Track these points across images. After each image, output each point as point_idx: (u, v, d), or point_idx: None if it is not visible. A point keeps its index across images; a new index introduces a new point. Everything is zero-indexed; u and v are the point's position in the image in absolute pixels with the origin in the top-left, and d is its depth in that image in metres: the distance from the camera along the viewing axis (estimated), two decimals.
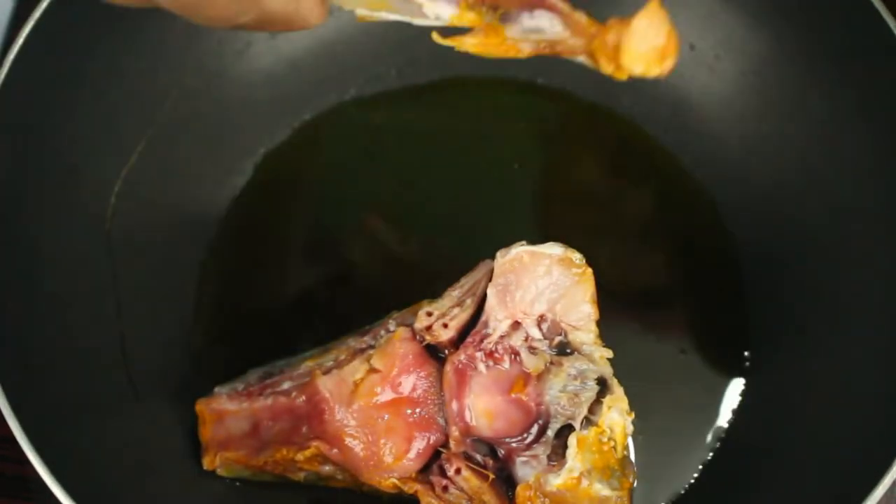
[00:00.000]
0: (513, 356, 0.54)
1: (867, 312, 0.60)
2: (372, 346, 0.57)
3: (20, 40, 0.57)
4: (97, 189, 0.62)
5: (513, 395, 0.54)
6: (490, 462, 0.55)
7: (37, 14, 0.58)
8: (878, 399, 0.57)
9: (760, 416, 0.62)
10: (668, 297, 0.66)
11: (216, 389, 0.59)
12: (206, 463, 0.58)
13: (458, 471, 0.54)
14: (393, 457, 0.54)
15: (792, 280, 0.64)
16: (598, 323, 0.54)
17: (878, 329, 0.59)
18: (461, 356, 0.54)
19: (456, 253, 0.65)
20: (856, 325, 0.60)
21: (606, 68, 0.48)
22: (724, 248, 0.67)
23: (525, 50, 0.49)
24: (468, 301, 0.55)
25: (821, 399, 0.60)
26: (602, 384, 0.53)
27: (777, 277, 0.65)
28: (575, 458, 0.52)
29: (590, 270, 0.54)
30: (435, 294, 0.56)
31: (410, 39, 0.61)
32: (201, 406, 0.58)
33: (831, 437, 0.58)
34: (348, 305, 0.65)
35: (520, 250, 0.54)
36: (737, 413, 0.63)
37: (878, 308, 0.59)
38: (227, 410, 0.58)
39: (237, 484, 0.59)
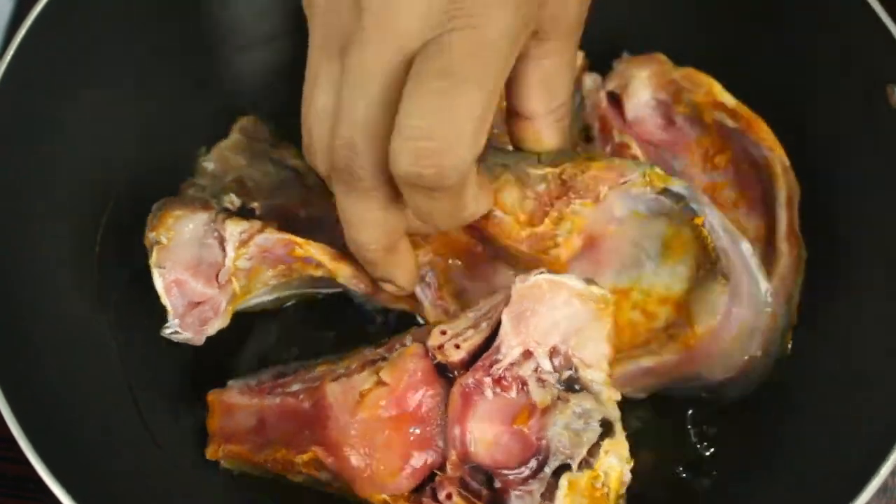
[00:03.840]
0: (521, 385, 0.53)
1: None
2: (385, 358, 0.56)
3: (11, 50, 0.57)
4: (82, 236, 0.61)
5: (515, 426, 0.52)
6: (485, 491, 0.53)
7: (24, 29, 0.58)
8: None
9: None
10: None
11: (230, 382, 0.59)
12: (210, 453, 0.58)
13: (448, 496, 0.52)
14: (388, 472, 0.53)
15: None
16: (612, 363, 0.52)
17: None
18: (469, 379, 0.53)
19: None
20: None
21: None
22: None
23: None
24: (484, 324, 0.54)
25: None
26: (605, 426, 0.51)
27: None
28: (563, 500, 0.50)
29: (612, 308, 0.52)
30: None
31: None
32: (213, 396, 0.59)
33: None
34: (355, 320, 0.64)
35: (539, 278, 0.52)
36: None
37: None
38: (236, 404, 0.58)
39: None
